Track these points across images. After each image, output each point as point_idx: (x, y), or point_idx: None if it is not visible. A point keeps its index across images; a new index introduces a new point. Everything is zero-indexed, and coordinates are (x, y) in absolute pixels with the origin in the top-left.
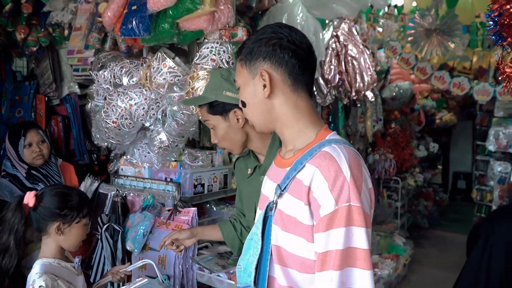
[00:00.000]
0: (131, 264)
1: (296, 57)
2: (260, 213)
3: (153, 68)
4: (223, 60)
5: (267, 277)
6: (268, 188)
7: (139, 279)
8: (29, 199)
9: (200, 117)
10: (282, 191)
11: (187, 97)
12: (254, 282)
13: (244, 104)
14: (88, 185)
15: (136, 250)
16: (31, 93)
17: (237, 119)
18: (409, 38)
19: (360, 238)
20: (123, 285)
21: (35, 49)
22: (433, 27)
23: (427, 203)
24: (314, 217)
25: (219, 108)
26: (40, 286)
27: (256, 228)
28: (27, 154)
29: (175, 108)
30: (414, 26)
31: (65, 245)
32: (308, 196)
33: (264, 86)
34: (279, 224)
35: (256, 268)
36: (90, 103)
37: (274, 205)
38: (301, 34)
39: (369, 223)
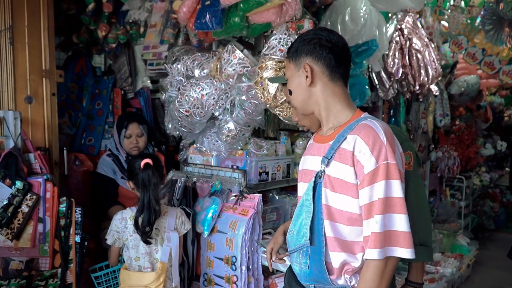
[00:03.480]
0: None
1: (332, 53)
2: (308, 184)
3: (224, 59)
4: None
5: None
6: (311, 163)
7: None
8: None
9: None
10: (329, 160)
11: (256, 87)
12: (310, 240)
13: (290, 92)
14: (171, 176)
15: (206, 232)
16: (109, 87)
17: None
18: (486, 27)
19: (397, 188)
20: None
21: (114, 45)
22: (505, 16)
23: (493, 204)
24: (358, 176)
25: None
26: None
27: (307, 195)
28: (125, 144)
29: (243, 97)
30: (489, 13)
31: None
32: (352, 159)
33: (307, 76)
34: (328, 186)
35: (310, 228)
36: (164, 94)
37: (323, 173)
38: (338, 35)
39: (403, 178)
